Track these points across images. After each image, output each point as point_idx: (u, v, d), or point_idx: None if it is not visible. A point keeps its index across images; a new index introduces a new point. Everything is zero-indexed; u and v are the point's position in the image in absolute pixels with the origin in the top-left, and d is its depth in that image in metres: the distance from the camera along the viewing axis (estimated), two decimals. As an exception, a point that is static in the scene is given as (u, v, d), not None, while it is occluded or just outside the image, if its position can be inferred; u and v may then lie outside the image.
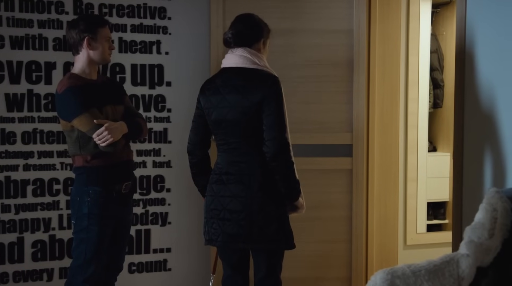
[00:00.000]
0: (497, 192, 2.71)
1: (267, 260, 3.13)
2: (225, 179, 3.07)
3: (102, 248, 3.23)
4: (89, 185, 3.21)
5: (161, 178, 4.06)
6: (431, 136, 5.76)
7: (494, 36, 3.18)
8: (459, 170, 3.45)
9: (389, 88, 4.50)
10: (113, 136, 3.10)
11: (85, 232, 3.20)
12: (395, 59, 4.54)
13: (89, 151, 3.19)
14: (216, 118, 3.07)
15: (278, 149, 2.98)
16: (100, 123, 3.09)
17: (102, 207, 3.20)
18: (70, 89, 3.13)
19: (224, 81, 3.08)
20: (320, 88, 3.22)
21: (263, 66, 3.10)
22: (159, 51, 4.05)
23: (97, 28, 3.22)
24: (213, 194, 3.10)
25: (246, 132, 3.05)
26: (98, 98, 3.20)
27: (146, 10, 4.02)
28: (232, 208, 3.03)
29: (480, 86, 3.27)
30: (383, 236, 4.50)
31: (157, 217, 4.07)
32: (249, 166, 3.05)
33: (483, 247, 2.60)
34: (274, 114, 2.99)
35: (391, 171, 4.54)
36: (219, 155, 3.14)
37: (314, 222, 3.18)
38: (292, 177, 3.07)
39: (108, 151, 3.15)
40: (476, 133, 3.32)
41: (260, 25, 3.19)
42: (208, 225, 3.12)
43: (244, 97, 3.01)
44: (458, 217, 3.47)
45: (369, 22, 4.35)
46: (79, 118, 3.10)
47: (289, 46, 4.08)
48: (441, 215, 5.69)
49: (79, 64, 3.25)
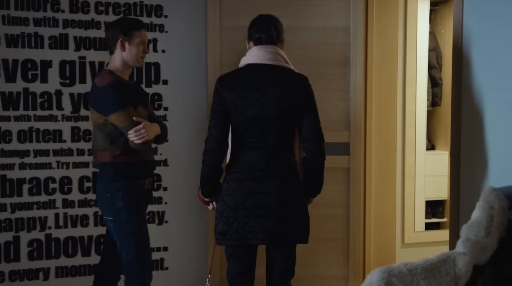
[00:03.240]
0: (494, 190, 2.70)
1: (290, 254, 3.21)
2: (261, 176, 3.06)
3: (147, 236, 3.34)
4: (116, 180, 3.25)
5: (158, 177, 4.04)
6: (430, 135, 5.75)
7: (491, 35, 3.17)
8: (456, 168, 3.45)
9: (386, 86, 4.49)
10: (148, 135, 3.14)
11: (127, 225, 3.25)
12: (392, 57, 4.53)
13: (118, 146, 3.23)
14: (254, 115, 3.04)
15: (320, 146, 3.13)
16: (138, 121, 3.14)
17: (135, 198, 3.27)
18: (112, 84, 3.19)
19: (260, 78, 3.06)
20: (317, 86, 3.20)
21: (290, 65, 3.18)
22: (155, 49, 4.03)
23: (132, 31, 3.27)
24: (245, 191, 3.06)
25: (283, 130, 3.09)
26: (133, 97, 3.26)
27: (143, 8, 4.00)
28: (272, 205, 3.03)
29: (477, 85, 3.25)
30: (380, 234, 4.49)
31: (154, 216, 4.05)
32: (286, 163, 3.11)
33: (480, 245, 2.59)
34: (315, 113, 3.13)
35: (389, 169, 4.53)
36: (249, 152, 3.09)
37: (311, 220, 3.17)
38: (323, 173, 3.22)
39: (139, 148, 3.20)
40: (473, 131, 3.31)
41: (281, 26, 3.23)
42: (240, 223, 3.05)
43: (285, 95, 3.04)
44: (455, 215, 3.46)
45: (366, 20, 4.34)
46: (118, 114, 3.14)
47: (286, 44, 4.04)
48: (440, 214, 5.67)
49: (113, 63, 3.32)
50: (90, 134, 3.87)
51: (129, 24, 3.30)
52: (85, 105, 3.87)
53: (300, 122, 3.11)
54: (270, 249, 3.20)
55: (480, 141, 3.24)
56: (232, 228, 3.07)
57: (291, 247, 3.21)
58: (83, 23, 3.87)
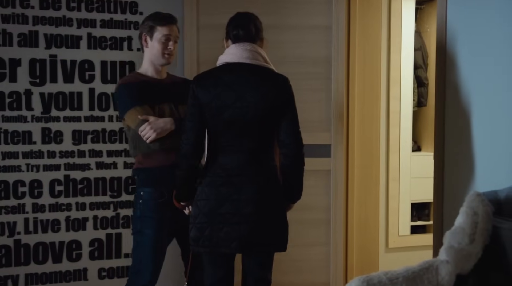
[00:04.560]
0: (478, 195, 2.60)
1: (266, 262, 3.09)
2: (238, 181, 2.91)
3: (158, 253, 3.23)
4: (140, 187, 3.25)
5: (133, 180, 3.90)
6: (416, 136, 5.66)
7: (475, 33, 3.10)
8: (440, 170, 3.36)
9: (369, 86, 4.41)
10: (156, 132, 3.07)
11: (139, 235, 3.23)
12: (376, 57, 4.45)
13: (140, 150, 3.21)
14: (231, 118, 2.89)
15: (299, 152, 2.99)
16: (145, 119, 3.08)
17: (154, 209, 3.19)
18: (120, 86, 3.22)
19: (237, 78, 2.91)
20: (297, 86, 3.08)
21: (270, 64, 3.04)
22: (130, 48, 3.90)
23: (155, 26, 3.23)
24: (220, 197, 2.91)
25: (261, 133, 2.95)
26: (152, 95, 3.21)
27: (117, 5, 3.87)
28: (248, 212, 2.89)
29: (462, 85, 3.17)
30: (363, 239, 4.40)
31: (128, 220, 3.91)
32: (264, 168, 2.97)
33: (464, 253, 2.49)
34: (294, 117, 2.98)
35: (372, 172, 4.45)
36: (225, 156, 2.95)
37: (291, 225, 3.06)
38: (302, 178, 3.09)
39: (155, 148, 3.13)
40: (457, 133, 3.23)
41: (260, 23, 3.09)
42: (213, 230, 2.91)
43: (263, 97, 2.89)
44: (439, 218, 3.37)
45: (349, 18, 4.26)
46: (128, 115, 3.14)
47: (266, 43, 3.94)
48: (426, 216, 5.58)
49: (143, 61, 3.33)
50: (61, 135, 3.75)
51: (154, 19, 3.25)
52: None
53: (279, 126, 2.97)
54: (246, 255, 3.07)
55: (465, 143, 3.16)
56: (205, 234, 2.92)
57: (268, 254, 3.08)
58: (54, 20, 3.73)
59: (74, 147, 3.78)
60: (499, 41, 2.92)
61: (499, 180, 2.88)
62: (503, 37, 2.89)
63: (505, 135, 2.89)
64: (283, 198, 3.04)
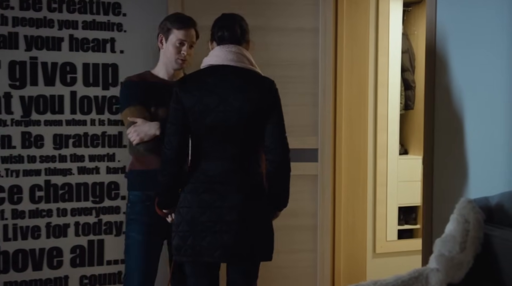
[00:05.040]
0: (469, 202, 2.55)
1: (251, 271, 3.02)
2: (221, 188, 2.83)
3: (146, 257, 3.19)
4: (130, 190, 3.28)
5: (116, 185, 3.81)
6: (403, 139, 5.63)
7: (465, 35, 3.05)
8: (429, 175, 3.31)
9: (357, 90, 4.36)
10: (139, 136, 3.05)
11: (126, 238, 3.26)
12: (363, 59, 4.40)
13: (132, 151, 3.25)
14: (213, 123, 2.81)
15: (285, 158, 2.92)
16: (133, 121, 3.08)
17: (141, 212, 3.19)
18: (125, 83, 3.29)
19: (221, 81, 2.83)
20: (283, 90, 3.02)
21: (256, 67, 2.95)
22: (113, 50, 3.81)
23: (172, 28, 3.19)
24: (203, 204, 2.82)
25: (246, 138, 2.87)
26: (151, 97, 3.18)
27: (99, 6, 3.77)
28: (232, 219, 2.80)
29: (451, 88, 3.13)
30: (351, 244, 4.35)
31: (111, 227, 3.82)
32: (249, 175, 2.88)
33: (454, 261, 2.44)
34: (280, 121, 2.90)
35: (360, 176, 4.40)
36: (208, 162, 2.87)
37: (277, 231, 3.00)
38: (288, 185, 3.01)
39: (140, 151, 3.14)
40: (447, 137, 3.18)
41: (247, 25, 3.02)
42: (196, 239, 2.82)
43: (248, 101, 2.81)
44: (428, 224, 3.32)
45: (336, 19, 4.20)
46: (123, 114, 3.18)
47: (252, 45, 3.88)
48: (413, 220, 5.57)
49: (159, 62, 3.32)
50: (42, 140, 3.65)
51: (172, 21, 3.21)
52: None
53: (264, 131, 2.89)
54: (230, 265, 2.99)
55: (455, 147, 3.12)
56: (187, 243, 2.84)
57: (253, 264, 3.00)
58: (35, 21, 3.63)
59: (55, 151, 3.68)
60: (489, 43, 2.88)
61: (490, 185, 2.84)
62: (494, 38, 2.85)
63: (496, 139, 2.85)
64: (269, 205, 2.96)
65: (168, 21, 3.23)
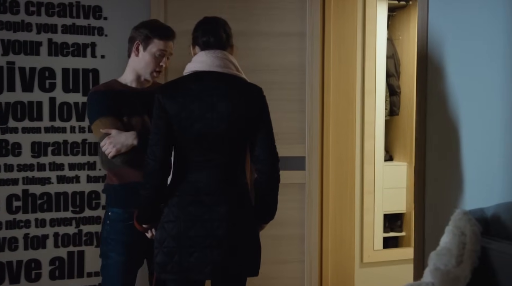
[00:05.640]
0: (465, 214, 2.47)
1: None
2: (208, 200, 2.70)
3: (125, 277, 3.06)
4: (109, 206, 3.11)
5: (96, 194, 3.69)
6: (387, 145, 5.57)
7: (458, 40, 2.99)
8: (421, 184, 3.22)
9: (345, 96, 4.29)
10: (115, 148, 2.89)
11: (104, 258, 3.09)
12: (351, 64, 4.33)
13: (108, 166, 3.06)
14: (199, 131, 2.68)
15: (274, 168, 2.83)
16: (107, 133, 2.92)
17: (121, 232, 3.03)
18: (89, 95, 3.11)
19: (206, 88, 2.70)
20: (270, 96, 2.92)
21: (242, 73, 2.85)
22: (94, 55, 3.70)
23: (153, 37, 3.04)
24: (190, 218, 2.69)
25: (233, 148, 2.75)
26: (122, 106, 3.02)
27: (79, 9, 3.66)
28: (221, 234, 2.68)
29: (444, 94, 3.05)
30: (338, 254, 4.29)
31: (91, 237, 3.70)
32: (237, 186, 2.78)
33: (451, 276, 2.36)
34: (269, 130, 2.81)
35: (347, 184, 4.33)
36: (194, 173, 2.74)
37: (264, 241, 2.90)
38: (277, 197, 2.92)
39: (117, 164, 2.95)
40: (439, 144, 3.12)
41: (230, 29, 2.91)
42: (183, 255, 2.69)
43: (236, 108, 2.70)
44: (420, 234, 3.23)
45: (323, 24, 4.11)
46: (93, 126, 3.00)
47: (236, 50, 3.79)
48: (398, 227, 5.49)
49: (126, 68, 3.17)
50: (19, 148, 3.52)
51: (152, 30, 3.05)
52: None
53: (252, 140, 2.79)
54: (216, 281, 2.87)
55: (448, 157, 3.04)
56: (174, 260, 2.70)
57: (240, 280, 2.88)
58: (12, 24, 3.51)
59: (33, 159, 3.56)
60: (484, 47, 2.80)
61: (485, 195, 2.77)
62: (489, 42, 2.77)
63: (490, 147, 2.78)
64: (255, 218, 2.86)
65: (147, 29, 3.08)
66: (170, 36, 3.10)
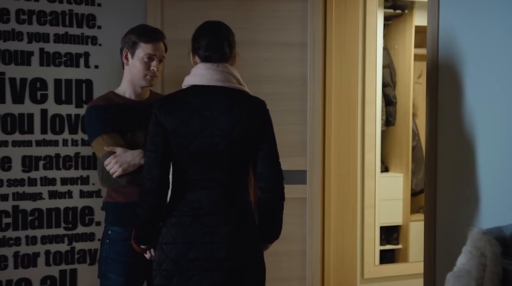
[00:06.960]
0: (485, 234, 2.35)
1: None
2: (209, 221, 2.58)
3: None
4: (109, 224, 3.00)
5: (90, 210, 3.57)
6: (383, 156, 5.51)
7: (471, 49, 2.89)
8: (432, 205, 3.12)
9: (346, 107, 4.23)
10: (122, 167, 2.78)
11: (103, 279, 2.99)
12: (353, 74, 4.26)
13: (108, 183, 2.94)
14: (199, 148, 2.56)
15: (279, 186, 2.72)
16: (112, 151, 2.81)
17: (121, 252, 2.92)
18: (88, 110, 2.98)
19: (206, 102, 2.58)
20: (271, 107, 2.80)
21: (244, 86, 2.72)
22: (87, 65, 3.59)
23: (139, 42, 2.93)
24: (189, 239, 2.57)
25: (235, 165, 2.64)
26: (124, 121, 2.92)
27: (72, 18, 3.55)
28: (222, 256, 2.57)
29: (456, 105, 2.95)
30: (340, 270, 4.22)
31: (84, 255, 3.58)
32: (238, 205, 2.65)
33: (471, 299, 2.24)
34: (273, 146, 2.70)
35: (349, 199, 4.26)
36: (193, 192, 2.62)
37: (264, 257, 2.79)
38: (282, 215, 2.80)
39: (122, 183, 2.82)
40: (450, 158, 3.02)
41: (233, 36, 2.78)
42: (182, 278, 2.57)
43: (238, 123, 2.58)
44: (431, 252, 3.13)
45: (325, 33, 4.02)
46: (95, 144, 2.88)
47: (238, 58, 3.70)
48: (395, 240, 5.42)
49: (122, 79, 3.06)
50: (9, 162, 3.40)
51: (138, 34, 2.94)
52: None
53: (255, 156, 2.67)
54: None
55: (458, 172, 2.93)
56: (173, 283, 2.59)
57: None
58: (2, 33, 3.40)
59: (24, 174, 3.44)
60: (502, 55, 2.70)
61: (501, 214, 2.67)
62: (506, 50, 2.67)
63: (505, 164, 2.68)
64: (259, 238, 2.75)
65: (133, 34, 2.97)
66: (157, 39, 2.98)
